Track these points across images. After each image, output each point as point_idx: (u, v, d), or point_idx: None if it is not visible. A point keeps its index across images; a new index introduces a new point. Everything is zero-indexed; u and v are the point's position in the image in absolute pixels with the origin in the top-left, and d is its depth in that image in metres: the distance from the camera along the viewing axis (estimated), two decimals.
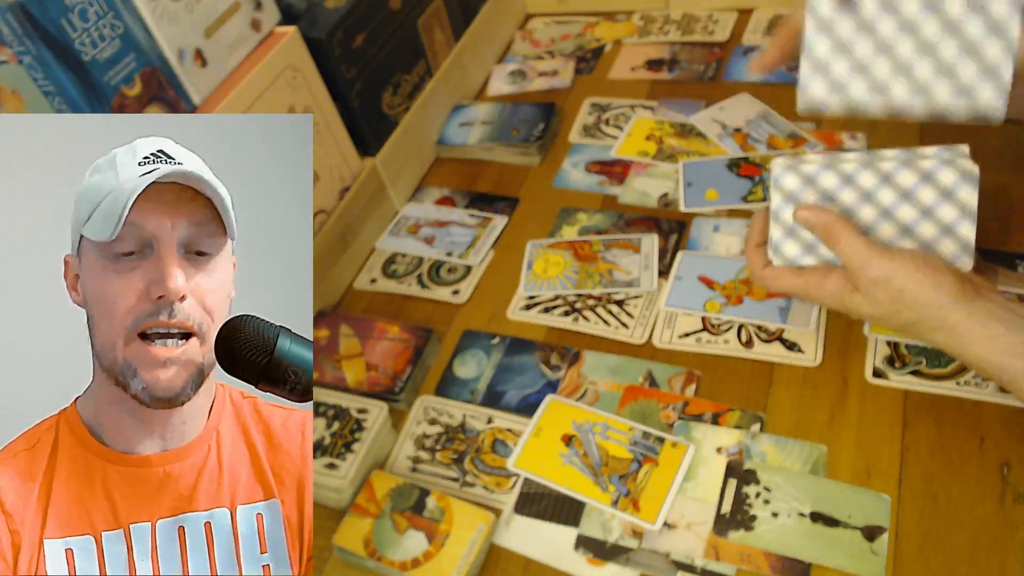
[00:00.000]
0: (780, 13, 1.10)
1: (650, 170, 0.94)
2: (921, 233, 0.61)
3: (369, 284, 0.92)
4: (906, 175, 0.60)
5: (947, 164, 0.59)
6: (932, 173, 0.59)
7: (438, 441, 0.74)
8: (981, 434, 0.63)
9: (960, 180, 0.59)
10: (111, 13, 0.66)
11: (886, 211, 0.61)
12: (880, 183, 0.61)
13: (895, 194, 0.61)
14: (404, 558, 0.65)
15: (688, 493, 0.65)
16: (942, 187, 0.59)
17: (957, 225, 0.60)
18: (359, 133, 0.95)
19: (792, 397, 0.69)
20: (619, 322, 0.79)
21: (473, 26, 1.14)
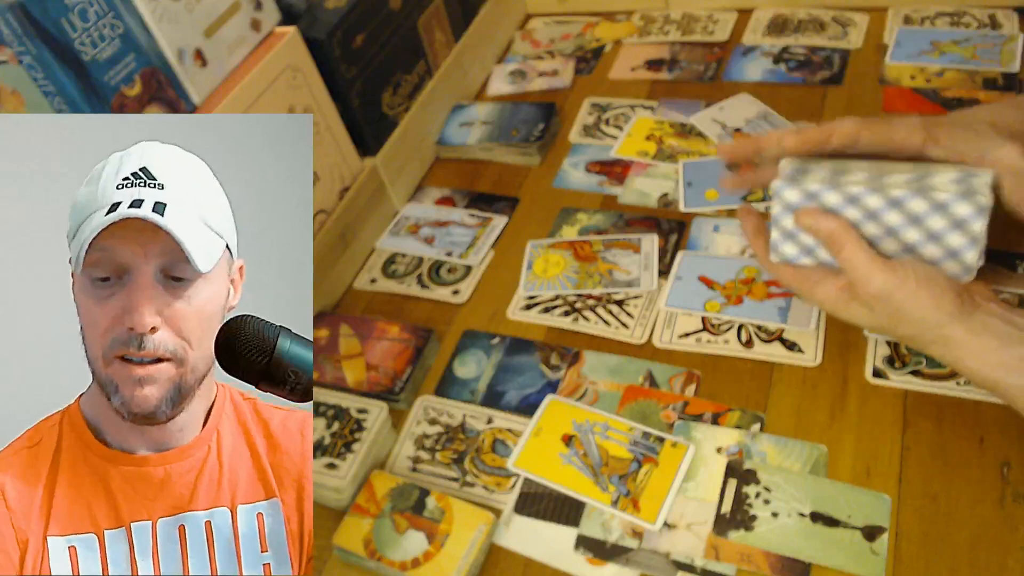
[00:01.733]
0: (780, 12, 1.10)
1: (650, 170, 0.94)
2: (924, 254, 0.60)
3: (369, 284, 0.92)
4: (917, 203, 0.59)
5: (963, 198, 0.58)
6: (946, 204, 0.58)
7: (438, 441, 0.74)
8: (981, 434, 0.63)
9: (974, 213, 0.58)
10: (111, 13, 0.66)
11: (891, 230, 0.60)
12: (887, 206, 0.60)
13: (902, 217, 0.60)
14: (404, 558, 0.65)
15: (688, 493, 0.65)
16: (953, 218, 0.58)
17: (963, 251, 0.59)
18: (359, 133, 0.95)
19: (792, 397, 0.69)
20: (619, 322, 0.79)
21: (473, 26, 1.14)
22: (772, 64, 1.03)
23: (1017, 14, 0.98)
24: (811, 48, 1.04)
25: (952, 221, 0.58)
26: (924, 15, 1.02)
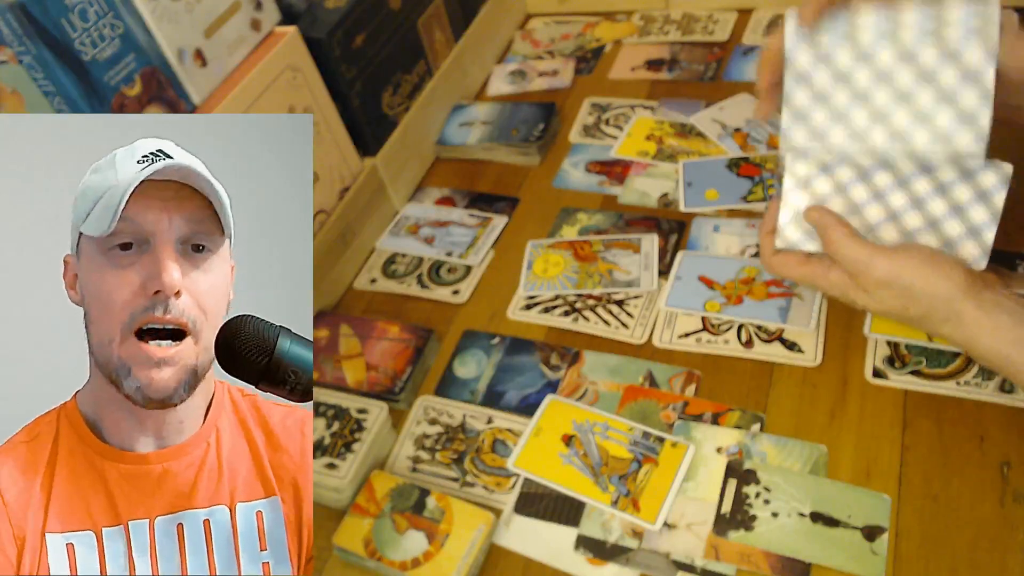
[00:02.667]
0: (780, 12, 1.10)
1: (650, 170, 0.94)
2: (923, 242, 0.61)
3: (369, 284, 0.92)
4: (922, 182, 0.59)
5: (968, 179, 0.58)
6: (948, 187, 0.58)
7: (438, 441, 0.74)
8: (981, 434, 0.63)
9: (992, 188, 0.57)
10: (111, 13, 0.66)
11: (894, 214, 0.61)
12: (895, 185, 0.60)
13: (907, 199, 0.60)
14: (404, 558, 0.65)
15: (688, 493, 0.65)
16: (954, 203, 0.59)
17: (980, 231, 0.59)
18: (359, 133, 0.95)
19: (792, 397, 0.69)
20: (619, 322, 0.79)
21: (473, 26, 1.14)
22: None
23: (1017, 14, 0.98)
24: None
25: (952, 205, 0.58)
26: None
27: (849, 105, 0.61)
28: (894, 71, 0.59)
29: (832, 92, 0.61)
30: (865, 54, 0.59)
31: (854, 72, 0.60)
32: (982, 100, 0.57)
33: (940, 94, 0.58)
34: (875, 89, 0.60)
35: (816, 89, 0.62)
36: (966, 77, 0.57)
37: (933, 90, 0.58)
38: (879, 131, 0.61)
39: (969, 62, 0.57)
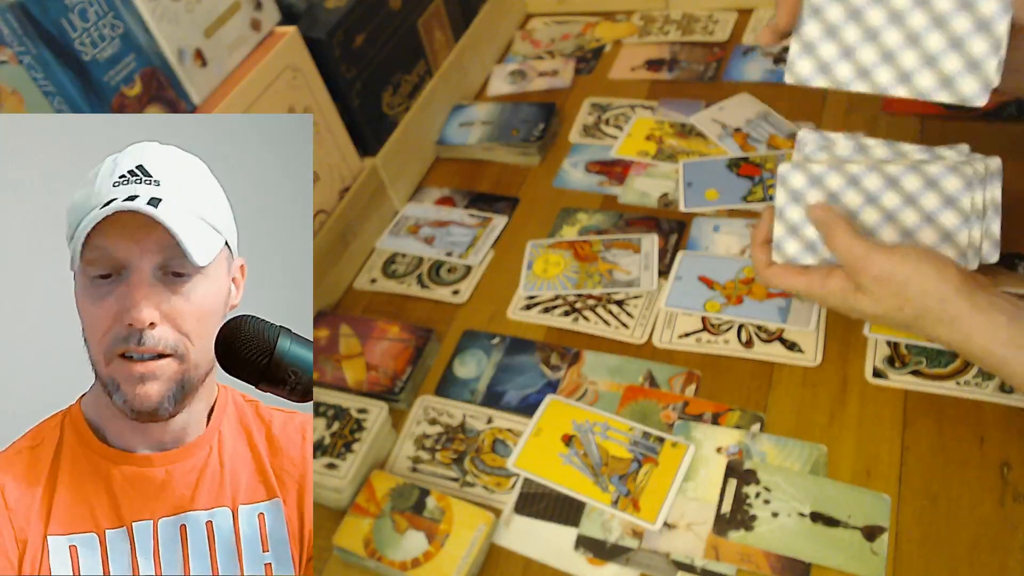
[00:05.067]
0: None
1: (650, 170, 0.94)
2: (922, 238, 0.61)
3: (369, 284, 0.92)
4: (912, 179, 0.60)
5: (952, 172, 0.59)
6: (937, 180, 0.59)
7: (438, 441, 0.74)
8: (981, 434, 0.63)
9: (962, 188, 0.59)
10: (111, 13, 0.66)
11: (889, 214, 0.61)
12: (885, 186, 0.61)
13: (899, 198, 0.61)
14: (404, 558, 0.65)
15: (688, 493, 0.65)
16: (945, 194, 0.59)
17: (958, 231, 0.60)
18: (359, 133, 0.95)
19: (792, 397, 0.69)
20: (619, 322, 0.79)
21: (473, 26, 1.14)
22: (772, 64, 1.03)
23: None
24: None
25: (944, 198, 0.59)
26: None
27: (859, 42, 0.62)
28: (907, 13, 0.59)
29: (843, 27, 0.62)
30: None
31: (868, 9, 0.60)
32: (992, 49, 0.57)
33: (951, 39, 0.58)
34: (886, 28, 0.60)
35: (828, 22, 0.62)
36: (979, 26, 0.57)
37: (944, 35, 0.58)
38: (885, 71, 0.61)
39: (983, 11, 0.57)
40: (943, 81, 0.59)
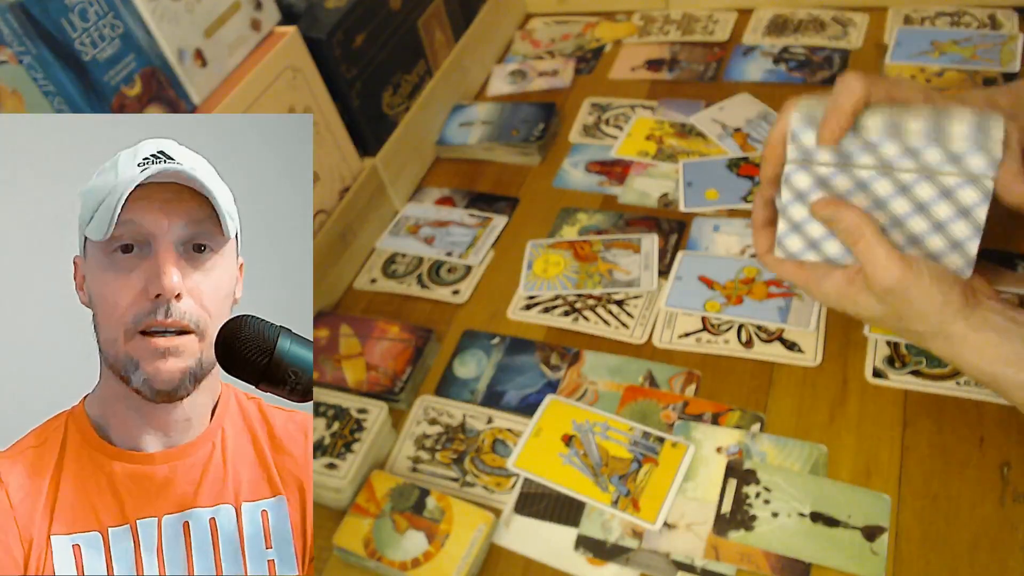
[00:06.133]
0: (780, 12, 1.10)
1: (650, 170, 0.94)
2: (928, 246, 0.61)
3: (369, 284, 0.92)
4: (925, 188, 0.60)
5: (970, 184, 0.58)
6: (952, 190, 0.59)
7: (438, 441, 0.74)
8: (981, 434, 0.63)
9: (979, 200, 0.58)
10: (111, 13, 0.66)
11: (897, 220, 0.61)
12: (896, 193, 0.60)
13: (910, 205, 0.60)
14: (404, 558, 0.65)
15: (688, 493, 0.65)
16: (960, 206, 0.59)
17: (967, 242, 0.60)
18: (359, 133, 0.95)
19: (792, 397, 0.69)
20: (619, 322, 0.79)
21: (473, 26, 1.14)
22: (772, 64, 1.03)
23: (1017, 14, 0.98)
24: (811, 48, 1.04)
25: (958, 209, 0.58)
26: (924, 15, 1.02)
27: None
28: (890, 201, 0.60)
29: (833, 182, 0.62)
30: (862, 183, 0.60)
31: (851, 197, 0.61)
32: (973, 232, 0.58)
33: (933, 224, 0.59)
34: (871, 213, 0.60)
35: None
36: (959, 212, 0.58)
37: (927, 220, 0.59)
38: None
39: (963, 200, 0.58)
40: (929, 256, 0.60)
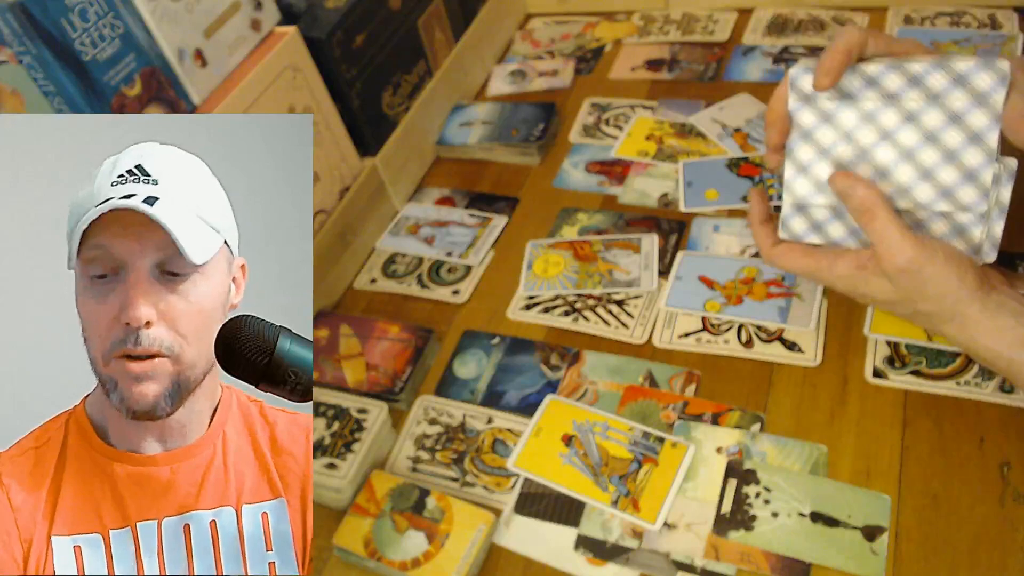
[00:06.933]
0: (780, 12, 1.10)
1: (650, 170, 0.94)
2: (943, 177, 0.59)
3: (369, 284, 0.92)
4: (932, 114, 0.58)
5: (979, 105, 0.56)
6: (961, 115, 0.57)
7: (438, 441, 0.74)
8: (981, 434, 0.63)
9: (991, 123, 0.57)
10: (111, 13, 0.66)
11: (907, 152, 0.59)
12: (904, 123, 0.59)
13: (919, 135, 0.58)
14: (404, 558, 0.65)
15: (688, 493, 0.65)
16: (970, 131, 0.57)
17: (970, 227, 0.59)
18: (359, 133, 0.95)
19: (792, 397, 0.69)
20: (619, 322, 0.79)
21: (473, 26, 1.14)
22: (772, 64, 1.03)
23: (1017, 14, 0.98)
24: (811, 48, 1.04)
25: (968, 135, 0.57)
26: (924, 15, 1.02)
27: (851, 161, 0.61)
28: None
29: (835, 148, 0.61)
30: (869, 114, 0.59)
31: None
32: (987, 159, 0.57)
33: (945, 153, 0.58)
34: (879, 146, 0.60)
35: (819, 145, 0.62)
36: (971, 139, 0.57)
37: (938, 149, 0.58)
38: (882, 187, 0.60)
39: (974, 125, 0.57)
40: (943, 192, 0.59)
